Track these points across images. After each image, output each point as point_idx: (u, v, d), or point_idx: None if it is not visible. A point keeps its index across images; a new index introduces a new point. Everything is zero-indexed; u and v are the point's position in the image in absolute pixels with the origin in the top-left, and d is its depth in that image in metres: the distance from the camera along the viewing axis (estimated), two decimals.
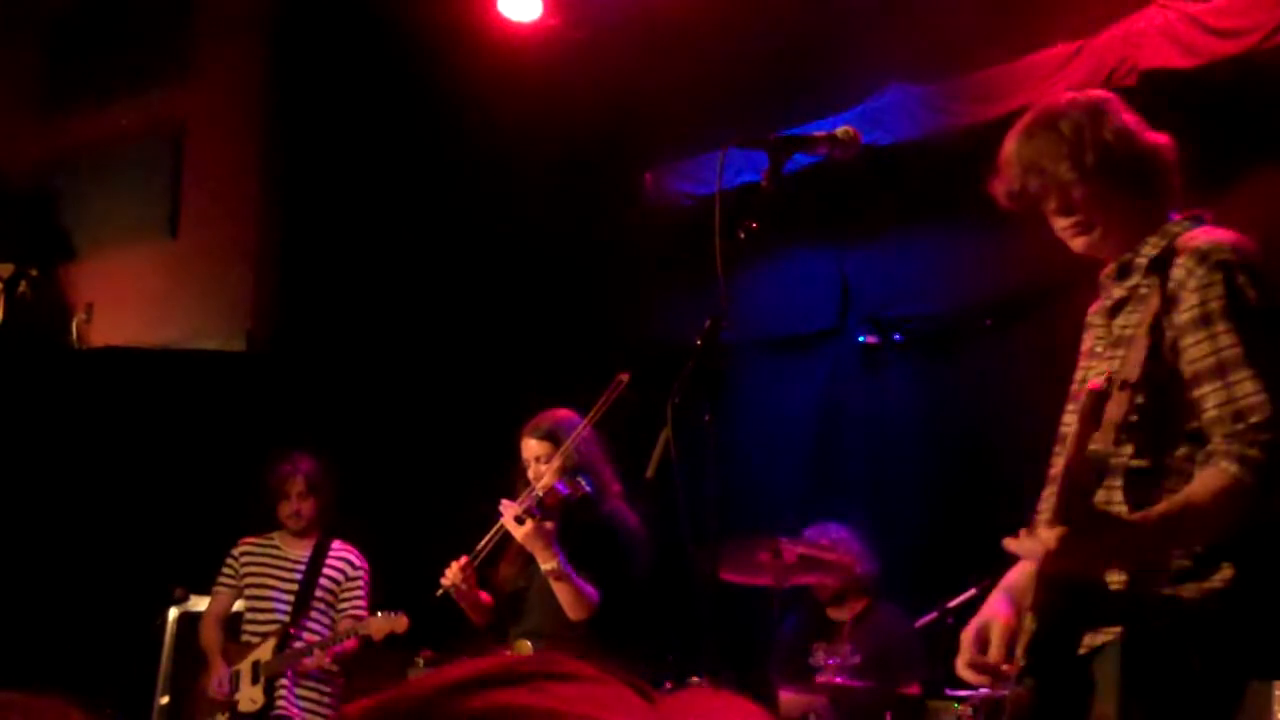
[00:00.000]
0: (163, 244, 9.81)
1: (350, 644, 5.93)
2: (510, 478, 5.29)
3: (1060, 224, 2.95)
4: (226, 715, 5.97)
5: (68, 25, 10.40)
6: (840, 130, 3.20)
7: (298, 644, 5.99)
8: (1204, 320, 2.72)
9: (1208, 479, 2.64)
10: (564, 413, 5.13)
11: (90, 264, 10.10)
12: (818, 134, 3.22)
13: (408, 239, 8.42)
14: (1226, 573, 2.67)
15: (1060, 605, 2.72)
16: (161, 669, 6.56)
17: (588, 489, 4.88)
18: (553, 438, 5.03)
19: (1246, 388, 2.66)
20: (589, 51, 7.80)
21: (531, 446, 5.07)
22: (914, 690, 5.61)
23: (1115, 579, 2.74)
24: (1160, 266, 2.84)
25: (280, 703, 5.95)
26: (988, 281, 6.90)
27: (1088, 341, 3.08)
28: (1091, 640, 2.75)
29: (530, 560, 4.97)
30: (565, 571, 4.76)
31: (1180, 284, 2.77)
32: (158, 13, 9.95)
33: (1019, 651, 2.76)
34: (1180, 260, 2.79)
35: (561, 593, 4.80)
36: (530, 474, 5.04)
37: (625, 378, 4.91)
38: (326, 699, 6.07)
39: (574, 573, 4.79)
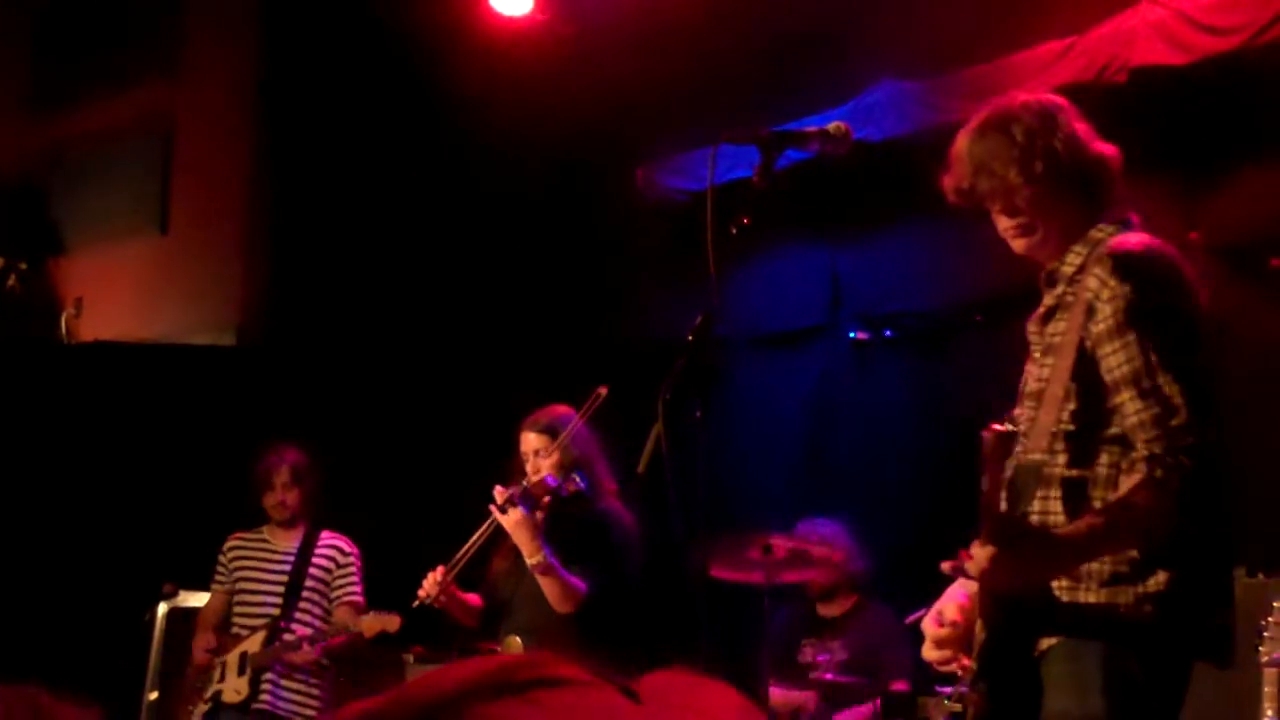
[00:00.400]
0: (152, 239, 9.80)
1: (342, 639, 5.92)
2: (502, 473, 5.28)
3: (1003, 224, 3.00)
4: (209, 705, 5.96)
5: (58, 20, 10.37)
6: (832, 126, 3.19)
7: (287, 637, 5.98)
8: (1118, 329, 2.76)
9: (1134, 485, 2.68)
10: (563, 409, 5.14)
11: (80, 259, 10.09)
12: (809, 130, 3.21)
13: (399, 234, 8.41)
14: (1161, 577, 2.70)
15: (1006, 613, 2.77)
16: (150, 664, 6.54)
17: (581, 485, 4.88)
18: (551, 432, 5.04)
19: (1164, 392, 2.69)
20: (580, 47, 7.79)
21: (530, 440, 5.07)
22: (903, 686, 5.62)
23: (1059, 585, 2.78)
24: (1079, 276, 2.89)
25: (265, 696, 5.93)
26: (979, 278, 6.90)
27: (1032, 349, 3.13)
28: (1043, 644, 2.80)
29: (520, 557, 4.97)
30: (550, 564, 4.76)
31: (1095, 294, 2.80)
32: (148, 7, 9.94)
33: (972, 658, 2.83)
34: (1094, 270, 2.83)
35: (547, 586, 4.80)
36: (528, 468, 5.05)
37: (604, 391, 4.91)
38: (314, 693, 6.06)
39: (560, 566, 4.78)
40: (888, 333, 7.33)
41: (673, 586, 4.72)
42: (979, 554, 2.63)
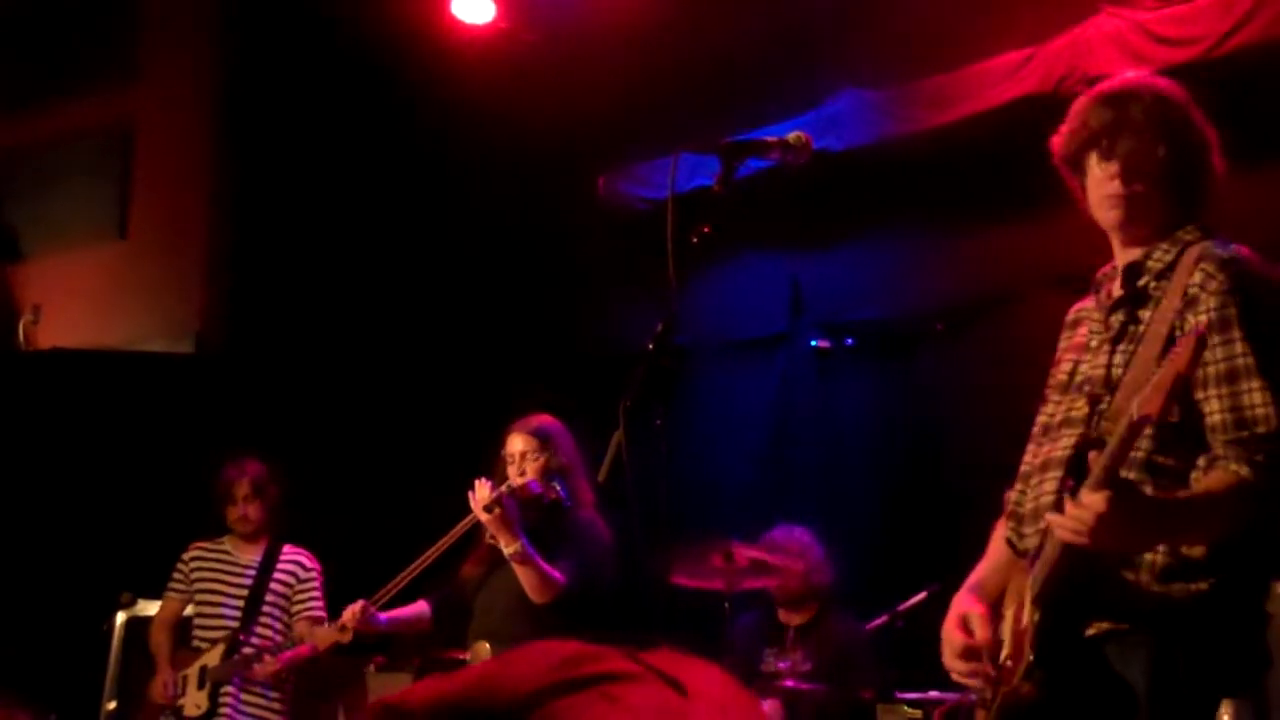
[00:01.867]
0: (112, 245, 9.72)
1: (301, 651, 5.88)
2: (464, 481, 5.28)
3: (1113, 188, 2.92)
4: (170, 719, 5.92)
5: (14, 24, 10.28)
6: (793, 135, 3.19)
7: (246, 650, 5.95)
8: (1221, 326, 2.70)
9: (1218, 475, 2.63)
10: (549, 417, 5.16)
11: (38, 265, 10.00)
12: (770, 139, 3.20)
13: (360, 242, 8.38)
14: (1209, 580, 2.65)
15: (1067, 596, 2.68)
16: (109, 674, 6.49)
17: (561, 494, 4.88)
18: (540, 435, 5.06)
19: (1255, 398, 2.64)
20: (542, 55, 7.79)
21: (518, 442, 5.07)
22: (866, 695, 5.63)
23: (1137, 577, 2.69)
24: (1170, 272, 2.83)
25: (225, 709, 5.90)
26: (939, 286, 6.94)
27: (1070, 340, 3.06)
28: (1099, 627, 2.71)
29: (494, 560, 4.97)
30: (529, 553, 4.76)
31: (1200, 287, 2.75)
32: (106, 11, 9.86)
33: (1026, 646, 2.70)
34: (1201, 265, 2.77)
35: (525, 576, 4.80)
36: (513, 470, 5.04)
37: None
38: (274, 705, 6.03)
39: (537, 555, 4.79)
40: (849, 341, 7.36)
41: (634, 593, 4.73)
42: (1090, 499, 2.50)
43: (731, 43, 7.32)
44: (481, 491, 4.80)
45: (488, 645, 4.91)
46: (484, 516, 4.78)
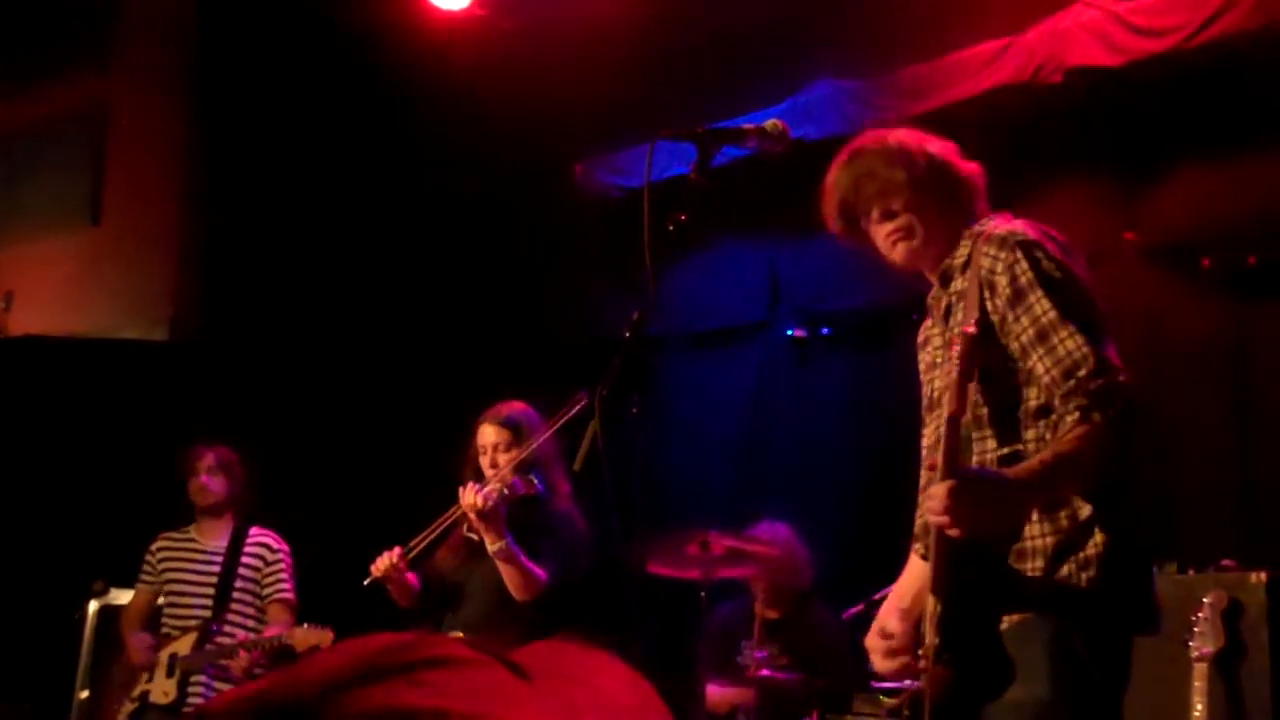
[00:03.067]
0: (84, 231, 9.66)
1: (274, 648, 5.84)
2: (439, 470, 5.26)
3: (884, 230, 3.15)
4: (136, 704, 5.88)
5: None
6: (769, 124, 3.19)
7: (220, 639, 5.92)
8: (1018, 295, 2.88)
9: (1063, 433, 2.76)
10: (521, 404, 5.13)
11: (10, 251, 9.94)
12: (747, 127, 3.20)
13: (335, 228, 8.35)
14: (1098, 539, 2.78)
15: (963, 583, 2.80)
16: (81, 663, 6.47)
17: (539, 487, 4.86)
18: (512, 426, 5.03)
19: (1069, 344, 2.79)
20: (518, 42, 7.76)
21: (489, 434, 5.05)
22: (842, 686, 5.63)
23: (1034, 564, 2.82)
24: (968, 266, 3.03)
25: (194, 699, 5.87)
26: (916, 276, 6.93)
27: (925, 359, 3.25)
28: (1008, 617, 2.84)
29: (470, 551, 4.95)
30: (513, 551, 4.76)
31: (990, 270, 2.93)
32: None
33: (928, 634, 2.83)
34: (985, 249, 2.96)
35: (509, 573, 4.79)
36: (485, 461, 5.02)
37: (584, 399, 4.89)
38: None
39: (521, 553, 4.77)
40: (825, 330, 7.36)
41: (609, 582, 4.72)
42: (937, 490, 2.68)
43: (709, 30, 7.31)
44: (471, 497, 4.76)
45: (462, 637, 4.89)
46: (473, 514, 4.76)
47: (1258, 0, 5.51)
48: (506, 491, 4.78)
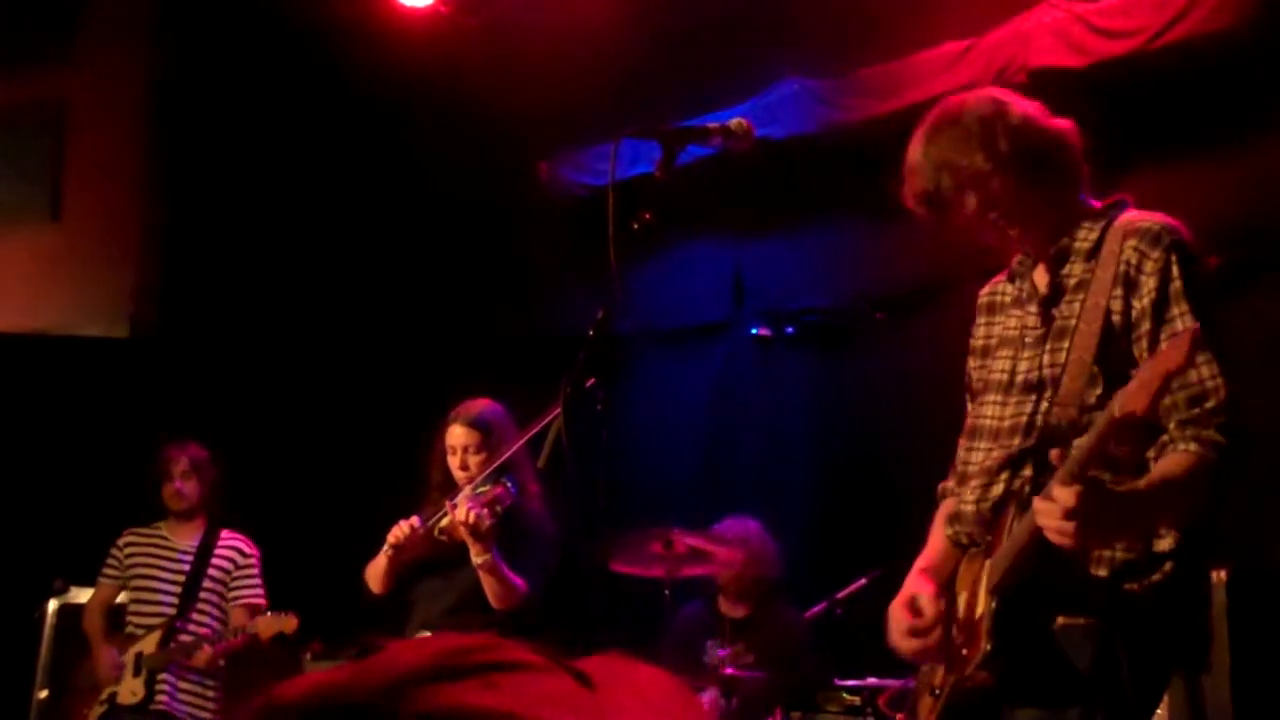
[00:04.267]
0: (44, 226, 9.56)
1: (236, 641, 5.83)
2: (405, 470, 5.24)
3: (979, 220, 2.88)
4: (105, 707, 5.85)
5: None
6: (734, 122, 3.19)
7: (183, 637, 5.88)
8: (1163, 303, 2.70)
9: (1174, 459, 2.61)
10: (490, 402, 5.09)
11: None
12: (712, 126, 3.19)
13: (297, 225, 8.31)
14: (1168, 568, 2.67)
15: (1026, 588, 2.69)
16: (40, 662, 6.41)
17: (512, 490, 4.83)
18: (481, 427, 4.97)
19: (1204, 371, 2.63)
20: (483, 40, 7.74)
21: (459, 434, 5.00)
22: (806, 683, 5.65)
23: (1097, 572, 2.71)
24: (1098, 252, 2.81)
25: (161, 697, 5.84)
26: (880, 275, 6.97)
27: (992, 328, 3.04)
28: (1059, 621, 2.73)
29: (439, 551, 4.92)
30: (497, 564, 4.73)
31: (1136, 266, 2.74)
32: None
33: (982, 636, 2.70)
34: (1130, 243, 2.76)
35: (490, 585, 4.76)
36: (454, 462, 4.98)
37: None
38: (210, 694, 5.97)
39: (504, 564, 4.75)
40: (789, 329, 7.37)
41: (573, 580, 4.71)
42: (1061, 494, 2.48)
43: (674, 29, 7.31)
44: (465, 514, 4.68)
45: (429, 635, 4.87)
46: (462, 529, 4.70)
47: (1220, 2, 5.55)
48: (499, 509, 4.74)
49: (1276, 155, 5.66)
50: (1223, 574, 4.58)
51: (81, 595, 6.36)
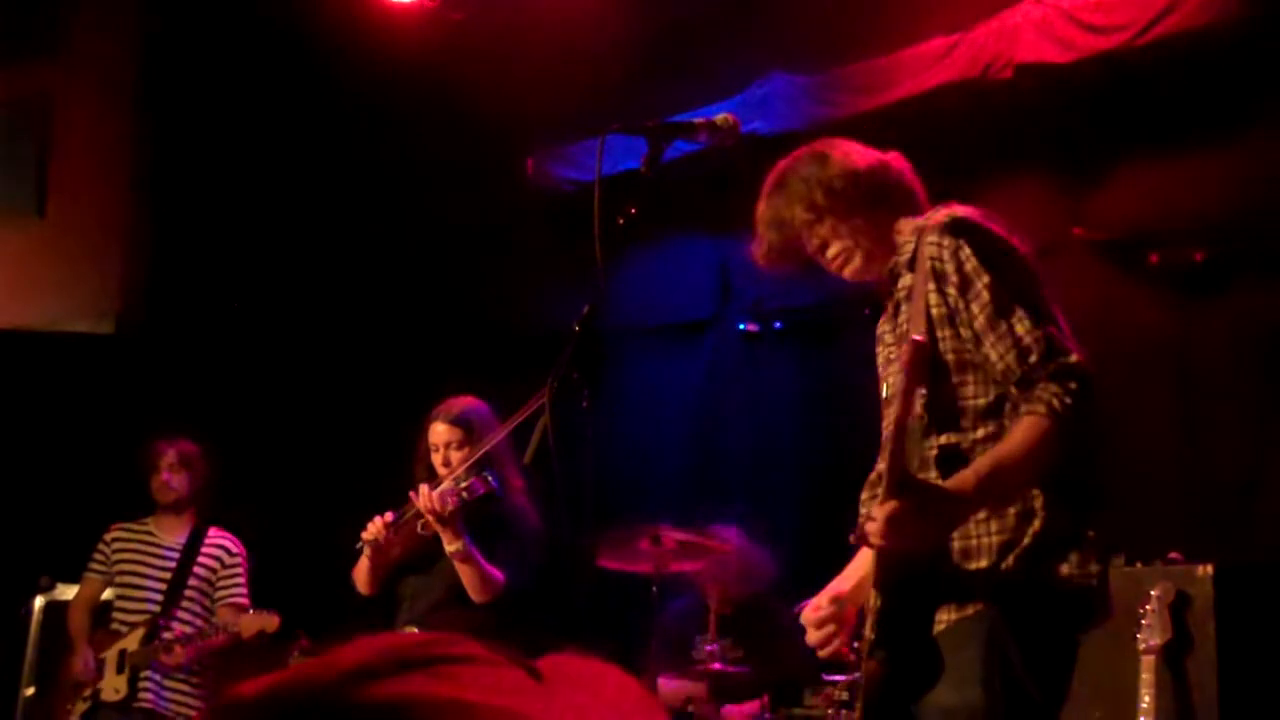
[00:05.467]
0: (29, 222, 9.53)
1: (218, 640, 5.81)
2: (390, 466, 5.23)
3: (825, 260, 3.21)
4: (88, 704, 5.83)
5: None
6: (720, 118, 3.18)
7: (167, 635, 5.87)
8: (965, 283, 2.88)
9: (1016, 431, 2.76)
10: (472, 400, 5.09)
11: None
12: (698, 121, 3.19)
13: (284, 221, 8.29)
14: (1035, 525, 2.79)
15: (905, 580, 2.82)
16: (26, 659, 6.40)
17: (494, 485, 4.83)
18: (463, 424, 4.98)
19: (1019, 329, 2.80)
20: (469, 34, 7.74)
21: (441, 432, 5.01)
22: (793, 678, 5.65)
23: (955, 557, 2.84)
24: (915, 259, 3.02)
25: (145, 694, 5.83)
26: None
27: (881, 355, 3.30)
28: (947, 616, 2.84)
29: (425, 547, 4.92)
30: (470, 553, 4.73)
31: (937, 258, 2.94)
32: None
33: (867, 628, 2.85)
34: (929, 239, 2.96)
35: (466, 574, 4.77)
36: (437, 459, 4.99)
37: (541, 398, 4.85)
38: (194, 692, 5.96)
39: (480, 554, 4.75)
40: (777, 325, 7.37)
41: (560, 577, 4.71)
42: (878, 512, 2.68)
43: (660, 24, 7.31)
44: (428, 500, 4.71)
45: (416, 631, 4.87)
46: (431, 517, 4.72)
47: None
48: (465, 495, 4.74)
49: (1261, 150, 5.67)
50: (1209, 568, 4.59)
51: (68, 592, 6.34)
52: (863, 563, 3.13)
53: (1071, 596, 2.82)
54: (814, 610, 3.11)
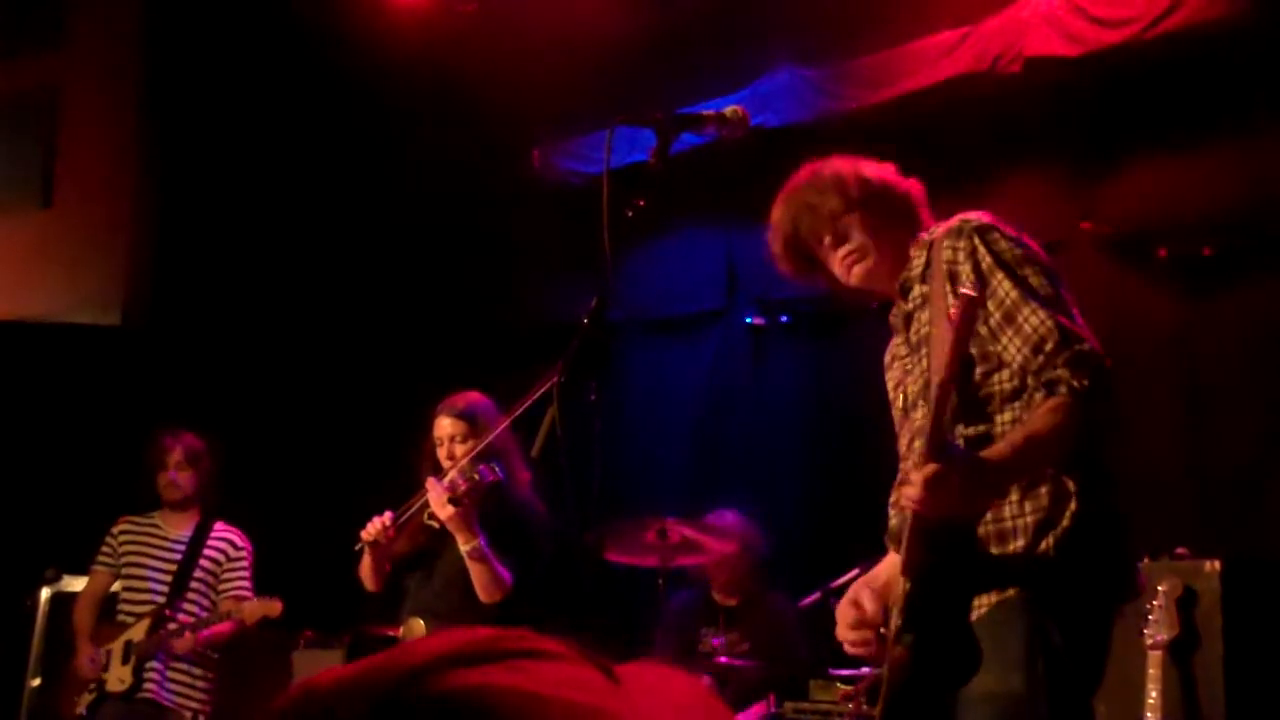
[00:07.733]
0: (34, 213, 9.55)
1: (223, 628, 5.83)
2: (396, 459, 5.23)
3: (838, 255, 3.19)
4: (94, 694, 5.84)
5: None
6: (729, 110, 3.17)
7: (171, 626, 5.88)
8: (982, 281, 2.89)
9: (1041, 410, 2.77)
10: (477, 394, 5.08)
11: None
12: (706, 113, 3.18)
13: (289, 213, 8.29)
14: (1074, 507, 2.79)
15: (935, 566, 2.78)
16: (33, 650, 6.41)
17: (500, 476, 4.82)
18: (468, 418, 4.98)
19: (1033, 321, 2.82)
20: (478, 26, 7.73)
21: (446, 425, 5.00)
22: (799, 671, 5.65)
23: (1015, 544, 2.81)
24: (928, 268, 3.05)
25: (149, 685, 5.83)
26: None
27: (893, 377, 3.32)
28: (986, 600, 2.82)
29: (431, 539, 4.92)
30: (485, 553, 4.72)
31: (952, 260, 2.95)
32: None
33: (894, 616, 2.82)
34: (944, 244, 2.98)
35: (478, 574, 4.76)
36: (442, 453, 4.98)
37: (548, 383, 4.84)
38: (199, 682, 5.97)
39: (492, 554, 4.75)
40: (783, 318, 7.36)
41: (567, 569, 4.71)
42: (916, 476, 2.64)
43: (669, 17, 7.29)
44: (441, 496, 4.70)
45: (421, 623, 4.87)
46: (443, 511, 4.71)
47: None
48: (476, 477, 4.73)
49: (1270, 145, 5.66)
50: (1216, 564, 4.59)
51: (74, 584, 6.35)
52: (890, 565, 3.10)
53: (1110, 574, 2.83)
54: (852, 606, 3.07)
